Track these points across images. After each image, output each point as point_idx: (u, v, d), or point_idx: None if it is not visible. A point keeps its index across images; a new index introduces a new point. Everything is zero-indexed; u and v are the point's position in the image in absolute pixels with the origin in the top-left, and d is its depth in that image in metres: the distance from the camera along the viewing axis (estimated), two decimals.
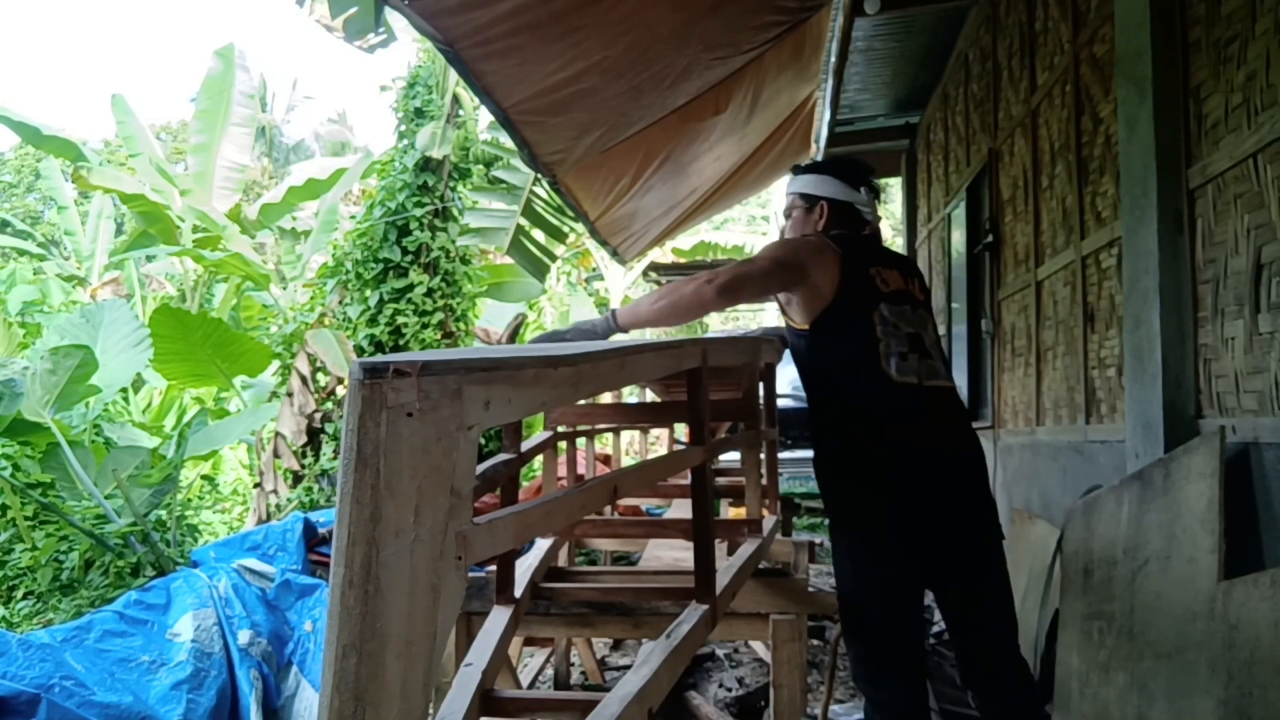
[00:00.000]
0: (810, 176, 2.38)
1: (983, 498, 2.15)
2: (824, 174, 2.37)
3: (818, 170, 2.40)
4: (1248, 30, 2.32)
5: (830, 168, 2.40)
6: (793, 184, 2.42)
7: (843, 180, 2.33)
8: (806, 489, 9.71)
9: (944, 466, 2.08)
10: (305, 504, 6.62)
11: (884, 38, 5.70)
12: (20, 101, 36.74)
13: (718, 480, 3.55)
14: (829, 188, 2.33)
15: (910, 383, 2.09)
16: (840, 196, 2.32)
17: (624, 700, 1.19)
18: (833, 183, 2.33)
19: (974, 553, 2.11)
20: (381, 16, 4.12)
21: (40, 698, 2.55)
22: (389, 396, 0.67)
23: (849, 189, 2.32)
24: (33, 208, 23.65)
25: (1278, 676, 1.88)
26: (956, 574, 2.11)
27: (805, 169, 2.44)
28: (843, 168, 2.38)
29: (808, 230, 2.34)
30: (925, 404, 2.10)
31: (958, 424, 2.19)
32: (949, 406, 2.19)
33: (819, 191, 2.34)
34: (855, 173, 2.36)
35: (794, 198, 2.41)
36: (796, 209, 2.40)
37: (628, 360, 1.20)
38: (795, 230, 2.38)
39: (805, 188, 2.37)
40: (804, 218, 2.36)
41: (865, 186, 2.33)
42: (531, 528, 1.02)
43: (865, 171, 2.38)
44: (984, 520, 2.13)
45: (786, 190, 2.44)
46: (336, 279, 7.35)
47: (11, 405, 5.62)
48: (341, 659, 0.65)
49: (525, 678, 3.82)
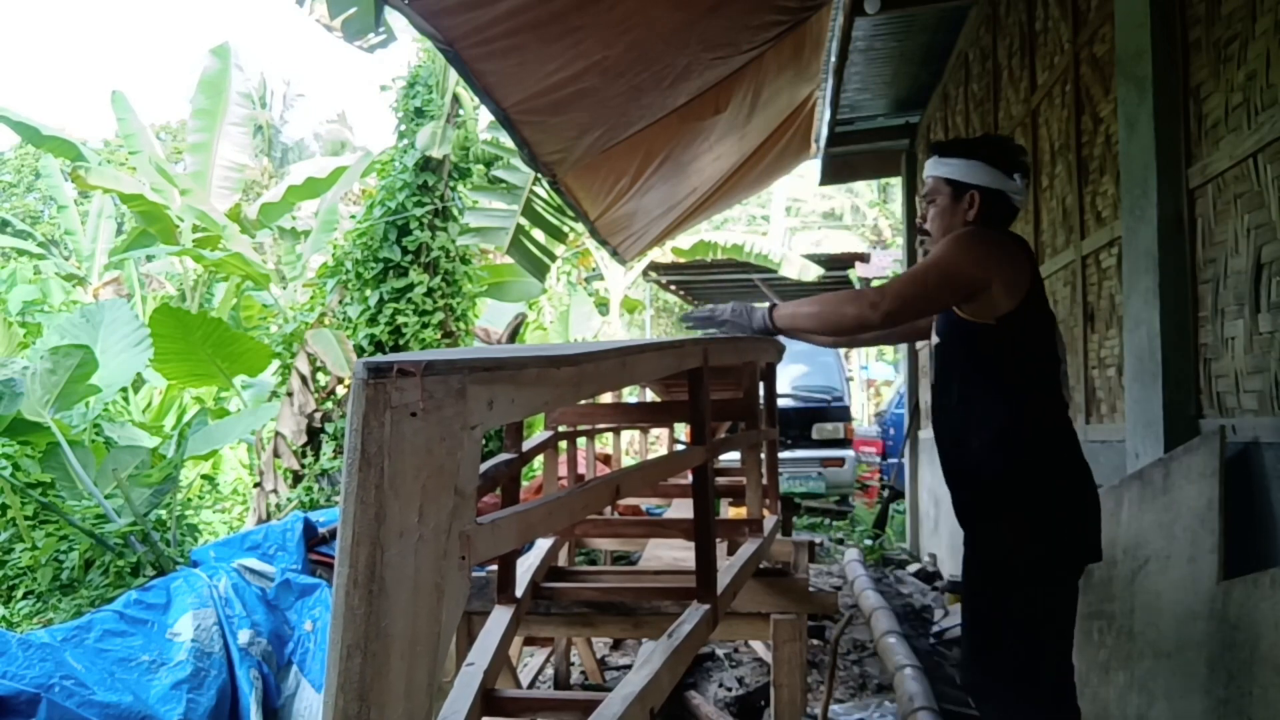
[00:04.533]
0: (959, 161, 2.10)
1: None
2: (975, 158, 2.09)
3: (967, 153, 2.11)
4: (1248, 30, 2.32)
5: (982, 150, 2.12)
6: (936, 166, 2.14)
7: (995, 166, 2.06)
8: (806, 489, 9.76)
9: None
10: (305, 504, 6.62)
11: (884, 37, 5.69)
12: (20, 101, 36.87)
13: (718, 480, 3.54)
14: (981, 174, 2.06)
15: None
16: (994, 185, 2.05)
17: (626, 700, 1.19)
18: (984, 169, 2.06)
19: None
20: (381, 16, 4.12)
21: (40, 697, 2.55)
22: (393, 396, 0.67)
23: (1003, 176, 2.05)
24: (32, 207, 23.63)
25: (1278, 676, 1.89)
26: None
27: (951, 149, 2.15)
28: (996, 150, 2.11)
29: (955, 221, 2.09)
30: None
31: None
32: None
33: (969, 179, 2.07)
34: (1009, 156, 2.09)
35: (937, 182, 2.13)
36: (940, 195, 2.12)
37: (629, 360, 1.20)
38: (941, 221, 2.11)
39: (953, 173, 2.09)
40: (951, 206, 2.10)
41: (1020, 172, 2.08)
42: (534, 527, 1.02)
43: (1019, 154, 2.13)
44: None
45: (927, 172, 2.16)
46: (336, 279, 7.35)
47: (11, 405, 5.61)
48: (346, 659, 0.65)
49: (525, 677, 3.81)
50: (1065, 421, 2.00)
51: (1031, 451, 1.94)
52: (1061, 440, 1.98)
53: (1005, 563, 1.95)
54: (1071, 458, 1.98)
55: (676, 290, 14.75)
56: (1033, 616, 1.91)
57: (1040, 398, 1.97)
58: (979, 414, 1.99)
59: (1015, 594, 1.93)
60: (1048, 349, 2.00)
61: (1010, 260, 1.96)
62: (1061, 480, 1.95)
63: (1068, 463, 1.97)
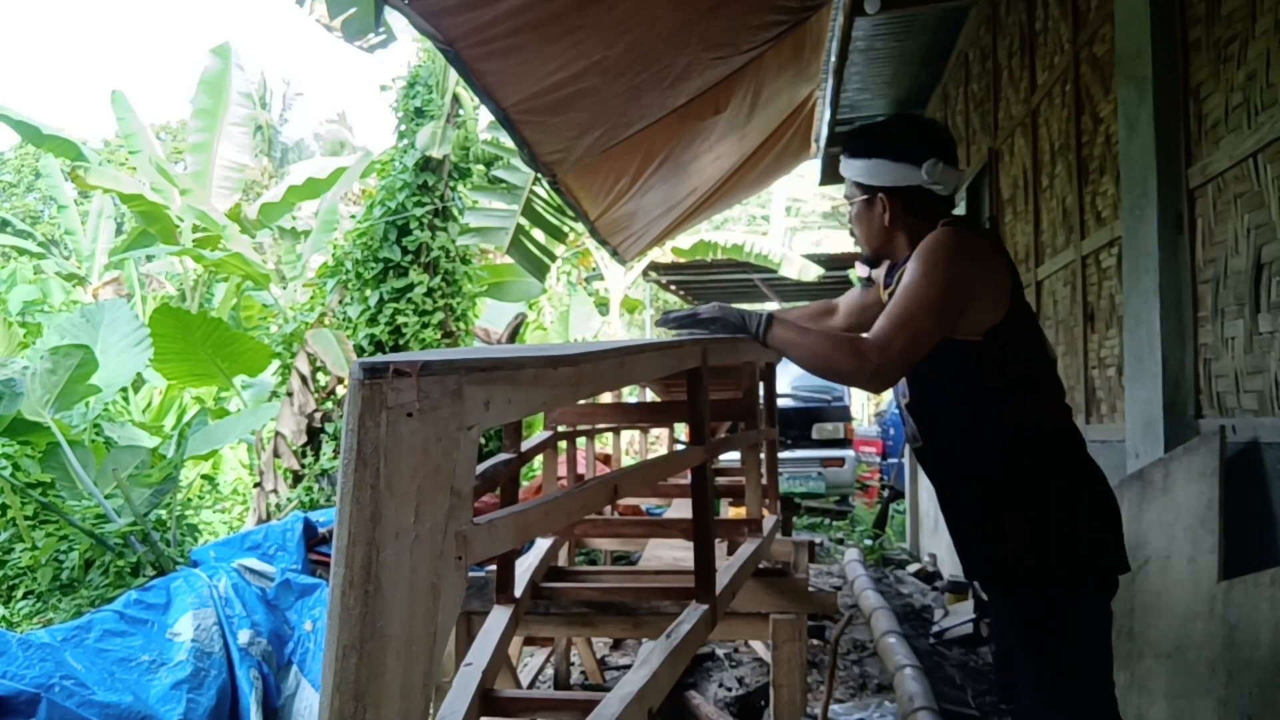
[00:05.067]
0: (861, 162, 1.87)
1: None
2: (876, 156, 1.85)
3: (868, 151, 1.86)
4: (1248, 30, 2.32)
5: (883, 144, 1.85)
6: (845, 166, 1.92)
7: (899, 160, 1.82)
8: (806, 489, 9.76)
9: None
10: (305, 503, 6.62)
11: (884, 37, 5.69)
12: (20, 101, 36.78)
13: (717, 480, 3.54)
14: (885, 174, 1.84)
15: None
16: (902, 183, 1.83)
17: (624, 700, 1.19)
18: (888, 167, 1.83)
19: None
20: (381, 16, 4.12)
21: (40, 697, 2.55)
22: (389, 397, 0.67)
23: (911, 169, 1.81)
24: (32, 207, 23.64)
25: (1278, 676, 1.88)
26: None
27: (853, 145, 1.90)
28: (897, 141, 1.85)
29: (875, 227, 1.89)
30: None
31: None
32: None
33: (875, 180, 1.86)
34: (917, 143, 1.83)
35: (849, 184, 1.93)
36: (855, 199, 1.92)
37: (628, 360, 1.20)
38: (862, 226, 1.92)
39: (859, 175, 1.89)
40: (866, 212, 1.90)
41: (933, 157, 1.80)
42: (531, 527, 1.02)
43: (928, 135, 1.86)
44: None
45: (841, 170, 1.95)
46: (336, 279, 7.36)
47: (11, 405, 5.62)
48: (342, 659, 0.65)
49: (525, 677, 3.81)
50: (1073, 429, 1.83)
51: (1045, 471, 1.75)
52: (1073, 450, 1.79)
53: (1034, 582, 1.73)
54: (1086, 468, 1.79)
55: (676, 290, 14.74)
56: (1061, 637, 1.69)
57: (1042, 407, 1.79)
58: (979, 445, 1.78)
59: (1042, 614, 1.72)
60: (1039, 351, 1.83)
61: (990, 268, 1.74)
62: (1083, 494, 1.77)
63: (1084, 474, 1.78)
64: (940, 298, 1.68)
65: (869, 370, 1.66)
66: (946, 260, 1.70)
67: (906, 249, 1.86)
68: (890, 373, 1.68)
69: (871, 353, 1.65)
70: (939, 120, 1.89)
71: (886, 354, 1.65)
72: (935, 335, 1.70)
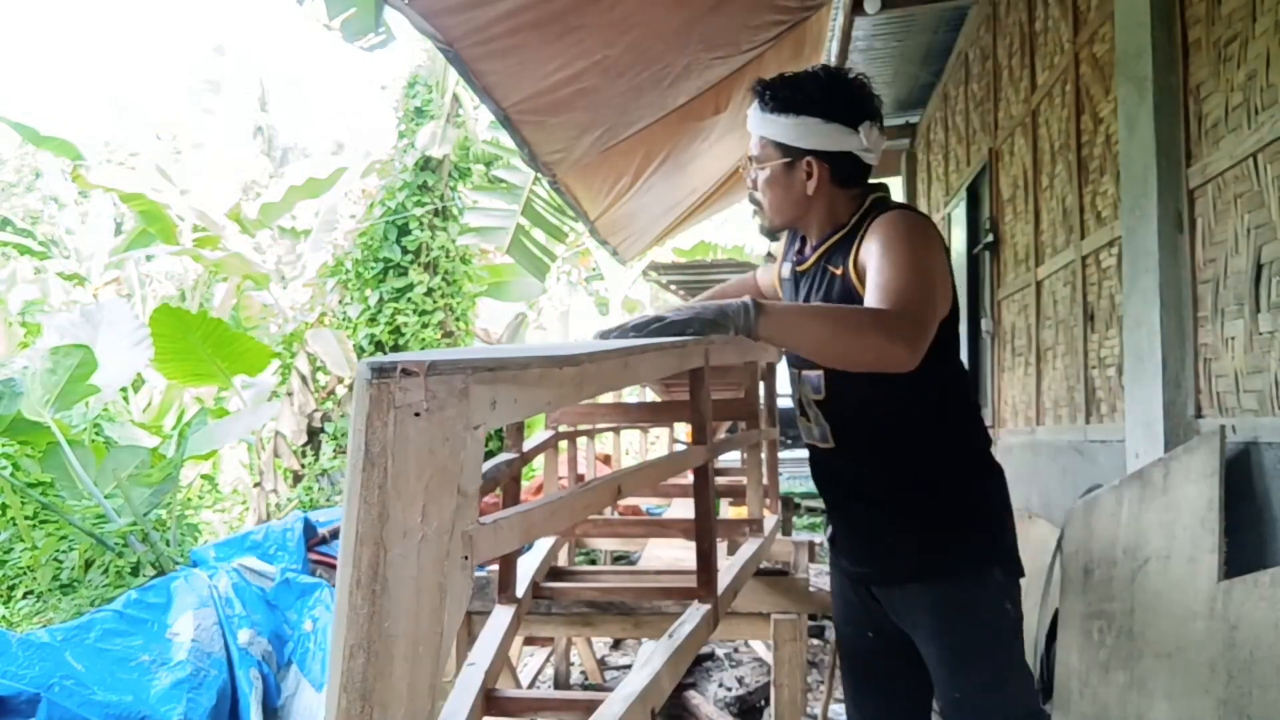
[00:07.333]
0: (787, 119, 1.61)
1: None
2: (807, 114, 1.60)
3: (797, 108, 1.61)
4: (1248, 30, 2.32)
5: (816, 101, 1.60)
6: (761, 123, 1.65)
7: (835, 120, 1.60)
8: (806, 489, 9.75)
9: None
10: (305, 503, 6.63)
11: (884, 37, 5.70)
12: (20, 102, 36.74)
13: (718, 480, 3.55)
14: (817, 135, 1.61)
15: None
16: (836, 147, 1.62)
17: (627, 700, 1.19)
18: (821, 127, 1.60)
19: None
20: (381, 16, 4.12)
21: (40, 697, 2.55)
22: (396, 396, 0.67)
23: (846, 131, 1.61)
24: (32, 207, 23.61)
25: (1278, 676, 1.89)
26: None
27: (777, 101, 1.63)
28: (833, 98, 1.62)
29: (793, 194, 1.65)
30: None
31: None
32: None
33: (803, 143, 1.62)
34: (853, 104, 1.62)
35: (764, 144, 1.66)
36: (770, 161, 1.66)
37: (631, 360, 1.20)
38: (774, 192, 1.67)
39: (782, 135, 1.63)
40: (784, 176, 1.65)
41: (868, 120, 1.62)
42: (536, 527, 1.02)
43: (864, 97, 1.64)
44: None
45: (751, 126, 1.69)
46: (336, 278, 7.37)
47: (11, 405, 5.62)
48: (349, 659, 0.65)
49: (525, 677, 3.82)
50: (982, 419, 1.77)
51: (965, 461, 1.70)
52: (985, 439, 1.76)
53: (962, 569, 1.66)
54: (991, 457, 1.75)
55: (676, 290, 14.73)
56: (995, 621, 1.65)
57: (963, 399, 1.73)
58: (901, 441, 1.67)
59: (969, 599, 1.65)
60: (958, 343, 1.71)
61: (947, 260, 1.58)
62: (999, 482, 1.73)
63: (994, 463, 1.74)
64: (939, 264, 1.54)
65: (905, 349, 1.34)
66: (924, 228, 1.59)
67: (824, 222, 1.69)
68: (923, 345, 1.38)
69: (903, 328, 1.36)
70: (868, 78, 1.67)
71: (914, 333, 1.36)
72: (943, 308, 1.53)
